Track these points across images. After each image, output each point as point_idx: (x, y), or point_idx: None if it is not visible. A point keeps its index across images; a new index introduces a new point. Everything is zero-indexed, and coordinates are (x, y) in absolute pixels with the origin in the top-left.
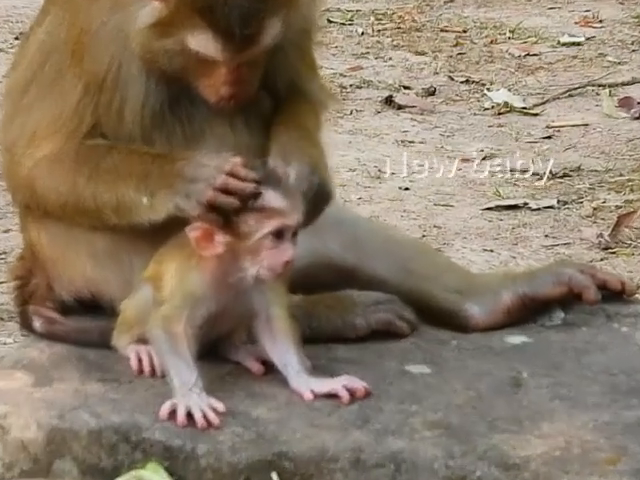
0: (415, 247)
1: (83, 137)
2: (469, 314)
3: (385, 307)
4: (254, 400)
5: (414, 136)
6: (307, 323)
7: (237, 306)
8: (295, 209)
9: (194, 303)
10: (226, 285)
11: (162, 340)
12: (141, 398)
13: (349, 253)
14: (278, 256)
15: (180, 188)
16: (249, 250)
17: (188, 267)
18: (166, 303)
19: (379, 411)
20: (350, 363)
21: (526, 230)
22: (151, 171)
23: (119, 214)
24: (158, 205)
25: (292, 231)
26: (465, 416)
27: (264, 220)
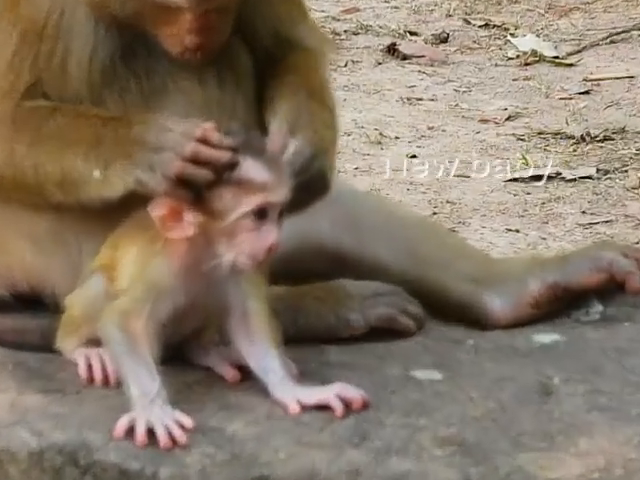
0: (424, 227)
1: (21, 97)
2: (488, 308)
3: (387, 300)
4: (228, 413)
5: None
6: (292, 320)
7: (209, 300)
8: (281, 183)
9: (158, 295)
10: (197, 274)
11: (118, 340)
12: (91, 412)
13: (343, 235)
14: (260, 240)
15: (141, 158)
16: (225, 232)
17: (151, 252)
18: (123, 295)
19: (380, 425)
20: (344, 368)
21: (559, 205)
22: (103, 137)
23: (65, 190)
24: (113, 179)
25: (277, 210)
26: (484, 431)
27: (243, 196)
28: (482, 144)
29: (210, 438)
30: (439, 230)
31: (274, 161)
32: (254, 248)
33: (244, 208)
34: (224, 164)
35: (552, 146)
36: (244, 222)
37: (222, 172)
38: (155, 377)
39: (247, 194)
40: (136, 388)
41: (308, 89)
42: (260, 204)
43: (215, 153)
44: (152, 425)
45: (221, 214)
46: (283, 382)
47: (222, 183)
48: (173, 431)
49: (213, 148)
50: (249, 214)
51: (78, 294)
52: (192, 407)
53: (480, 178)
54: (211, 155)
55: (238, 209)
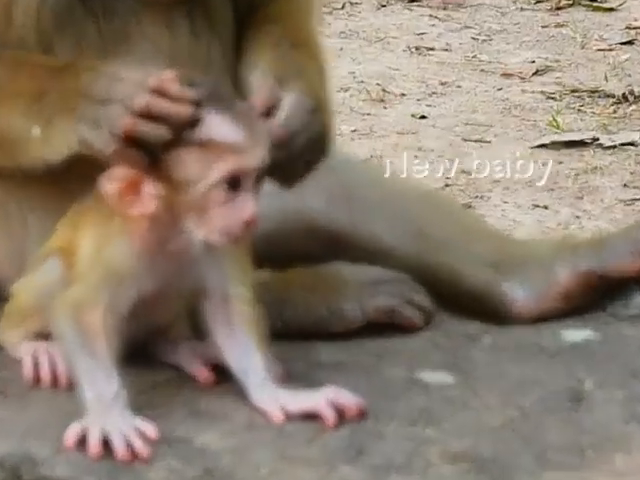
0: (433, 202)
1: None
2: (509, 299)
3: (388, 288)
4: (200, 421)
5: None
6: (277, 311)
7: (180, 286)
8: (257, 144)
9: (117, 282)
10: (165, 255)
11: (71, 335)
12: (37, 418)
13: (338, 211)
14: (234, 214)
15: (86, 113)
16: (192, 206)
17: (108, 232)
18: (78, 282)
19: (379, 437)
20: (338, 369)
21: (595, 177)
22: (47, 89)
23: (2, 151)
24: (55, 137)
25: (253, 177)
26: (503, 444)
27: (211, 161)
28: (504, 103)
29: (177, 450)
30: (452, 206)
31: (248, 117)
32: (228, 223)
33: (213, 176)
34: (184, 120)
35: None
36: (214, 193)
37: (182, 130)
38: (113, 378)
39: (216, 159)
40: (91, 391)
41: (292, 39)
42: (232, 170)
43: (173, 107)
44: (109, 434)
45: (186, 184)
46: (265, 385)
47: (184, 145)
48: (133, 441)
49: (171, 101)
50: (220, 183)
51: (28, 281)
52: (157, 413)
53: (502, 144)
54: (168, 109)
55: (206, 178)
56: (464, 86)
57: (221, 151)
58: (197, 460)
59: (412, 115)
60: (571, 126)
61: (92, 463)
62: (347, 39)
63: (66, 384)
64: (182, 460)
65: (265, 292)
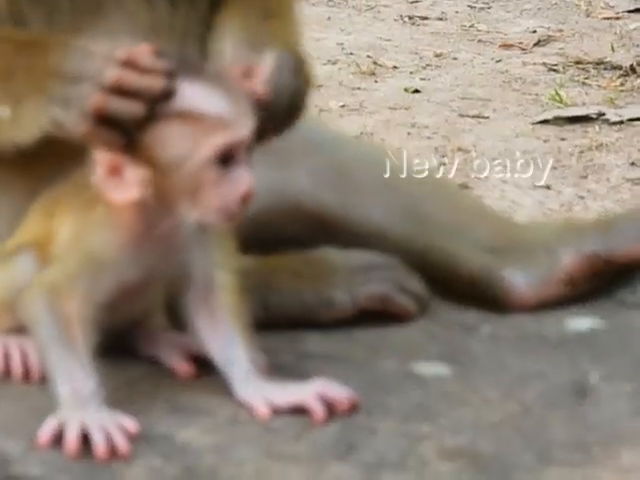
0: (428, 182)
1: None
2: (509, 285)
3: (380, 275)
4: (181, 417)
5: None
6: (262, 299)
7: (163, 274)
8: (244, 112)
9: (98, 270)
10: (149, 243)
11: (45, 321)
12: (8, 414)
13: (326, 192)
14: (229, 190)
15: (56, 92)
16: (183, 187)
17: (90, 219)
18: (55, 267)
19: (371, 433)
20: (327, 360)
21: (601, 155)
22: (15, 66)
23: None
24: (25, 118)
25: (244, 148)
26: (502, 440)
27: (199, 137)
28: (504, 76)
29: (157, 448)
30: (448, 186)
31: (228, 85)
32: (224, 201)
33: (203, 153)
34: (157, 93)
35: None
36: (205, 171)
37: (156, 104)
38: (90, 372)
39: (203, 134)
40: (66, 384)
41: (262, 8)
42: (223, 144)
43: (144, 79)
44: (86, 430)
45: (173, 165)
46: (250, 378)
47: (164, 121)
48: (111, 438)
49: (142, 74)
50: (210, 160)
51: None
52: (135, 409)
53: (501, 119)
54: (139, 82)
55: (195, 155)
56: (460, 58)
57: (208, 125)
58: (178, 458)
59: (405, 89)
60: (575, 100)
61: (67, 461)
62: (335, 7)
63: (39, 378)
64: (162, 458)
65: (250, 279)
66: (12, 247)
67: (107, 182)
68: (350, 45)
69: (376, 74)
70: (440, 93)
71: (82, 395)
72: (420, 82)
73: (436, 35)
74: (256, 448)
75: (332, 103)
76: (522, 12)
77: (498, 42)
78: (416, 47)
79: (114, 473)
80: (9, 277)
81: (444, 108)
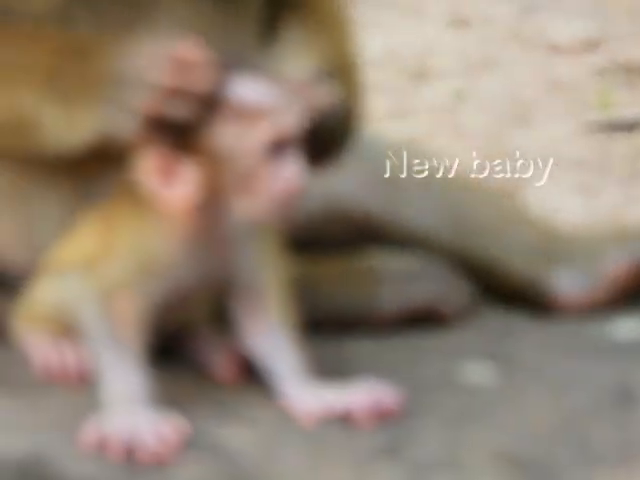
0: (473, 186)
1: None
2: (555, 289)
3: (426, 278)
4: (227, 421)
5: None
6: (310, 303)
7: (214, 277)
8: (291, 105)
9: (152, 273)
10: (203, 244)
11: (98, 324)
12: (52, 415)
13: (372, 197)
14: (281, 180)
15: (106, 95)
16: (236, 182)
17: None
18: (108, 267)
19: (416, 437)
20: (373, 364)
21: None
22: (63, 70)
23: (13, 135)
24: (76, 122)
25: (293, 140)
26: (547, 445)
27: (249, 130)
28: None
29: (202, 452)
30: (493, 190)
31: (277, 82)
32: (277, 190)
33: (253, 145)
34: (208, 91)
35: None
36: (256, 164)
37: (209, 103)
38: (140, 374)
39: (253, 126)
40: (115, 386)
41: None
42: (272, 135)
43: (197, 78)
44: (131, 433)
45: (224, 159)
46: (297, 382)
47: (216, 118)
48: (157, 441)
49: (193, 72)
50: (261, 152)
51: (49, 285)
52: (182, 412)
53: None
54: (190, 82)
55: (246, 148)
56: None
57: (257, 117)
58: (223, 462)
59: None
60: (622, 104)
61: (111, 464)
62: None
63: (83, 378)
64: (207, 462)
65: (296, 283)
66: (60, 262)
67: (158, 184)
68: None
69: (422, 77)
70: (486, 96)
71: (130, 397)
72: (466, 85)
73: (482, 38)
74: (302, 452)
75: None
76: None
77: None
78: (462, 50)
79: (158, 477)
80: (58, 294)
81: (490, 112)
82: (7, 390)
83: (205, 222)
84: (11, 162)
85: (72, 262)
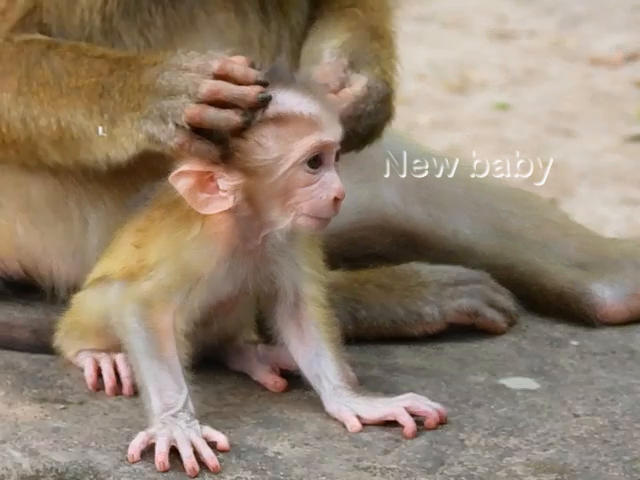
0: (516, 197)
1: (11, 29)
2: (597, 300)
3: (470, 289)
4: (271, 431)
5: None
6: (351, 313)
7: (253, 288)
8: (333, 117)
9: (193, 284)
10: (244, 254)
11: (138, 337)
12: (99, 427)
13: (415, 207)
14: (321, 192)
15: (151, 108)
16: (275, 192)
17: (185, 233)
18: (147, 279)
19: (460, 447)
20: (416, 374)
21: None
22: (110, 85)
23: (62, 149)
24: (121, 136)
25: (334, 153)
26: (590, 454)
27: (291, 140)
28: (592, 92)
29: (247, 461)
30: (536, 201)
31: (317, 91)
32: (317, 204)
33: (295, 155)
34: (252, 101)
35: None
36: (297, 173)
37: (251, 112)
38: (182, 385)
39: (295, 137)
40: (157, 399)
41: (370, 26)
42: (314, 147)
43: (239, 88)
44: (176, 444)
45: (266, 169)
46: (340, 391)
47: (257, 128)
48: (202, 452)
49: (236, 83)
50: (302, 162)
51: (92, 298)
52: (225, 423)
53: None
54: (233, 92)
55: (287, 158)
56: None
57: (299, 127)
58: (267, 471)
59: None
60: None
61: (158, 475)
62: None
63: (129, 391)
64: (251, 471)
65: (339, 293)
66: (101, 274)
67: (197, 195)
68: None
69: (465, 89)
70: (528, 108)
71: (173, 409)
72: (508, 97)
73: (525, 51)
74: (345, 461)
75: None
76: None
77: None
78: (505, 62)
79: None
80: (102, 305)
81: (532, 123)
82: (56, 403)
83: (243, 235)
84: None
85: (112, 273)
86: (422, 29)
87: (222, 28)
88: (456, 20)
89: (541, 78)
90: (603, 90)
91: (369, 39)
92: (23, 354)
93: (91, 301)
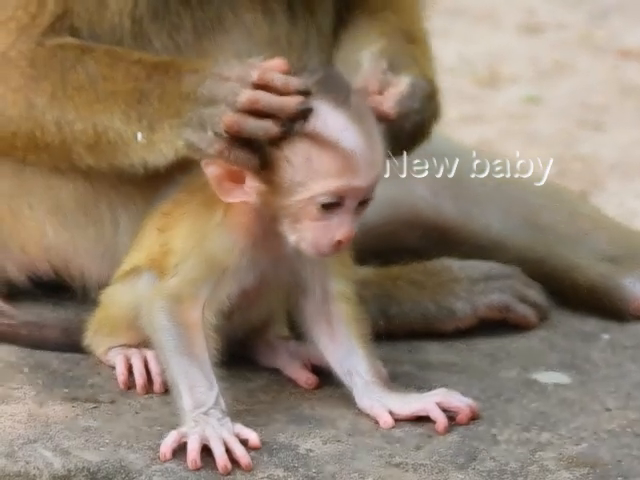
0: (546, 191)
1: (43, 33)
2: (630, 294)
3: (500, 284)
4: (302, 427)
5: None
6: (382, 309)
7: (279, 281)
8: (373, 161)
9: (220, 276)
10: (267, 247)
11: (167, 333)
12: (130, 426)
13: (445, 202)
14: (327, 231)
15: (191, 116)
16: (287, 212)
17: (209, 222)
18: (175, 276)
19: (492, 442)
20: (447, 370)
21: None
22: (148, 91)
23: (98, 153)
24: (160, 143)
25: (360, 197)
26: (623, 448)
27: (318, 169)
28: (622, 84)
29: (279, 458)
30: (567, 195)
31: (368, 124)
32: (319, 240)
33: (316, 190)
34: (291, 112)
35: None
36: (309, 208)
37: (291, 123)
38: (213, 382)
39: (324, 168)
40: (188, 396)
41: (405, 29)
42: (340, 189)
43: (278, 99)
44: (208, 442)
45: (285, 188)
46: (371, 388)
47: (294, 144)
48: (234, 450)
49: (277, 93)
50: (320, 198)
51: (121, 292)
52: (257, 420)
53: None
54: (273, 102)
55: (307, 188)
56: (579, 66)
57: (332, 162)
58: (299, 468)
59: (523, 98)
60: None
61: (190, 473)
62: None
63: (160, 389)
64: (283, 468)
65: (370, 289)
66: (130, 267)
67: (223, 183)
68: (468, 55)
69: (494, 83)
70: (558, 102)
71: (204, 407)
72: (538, 91)
73: (554, 44)
74: (377, 457)
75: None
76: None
77: (616, 50)
78: (534, 56)
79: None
80: (131, 297)
81: (562, 117)
82: (87, 402)
83: (266, 226)
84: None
85: (140, 264)
86: (452, 23)
87: (250, 28)
88: (486, 14)
89: (571, 71)
90: (633, 83)
91: (404, 42)
92: (54, 353)
93: (121, 294)
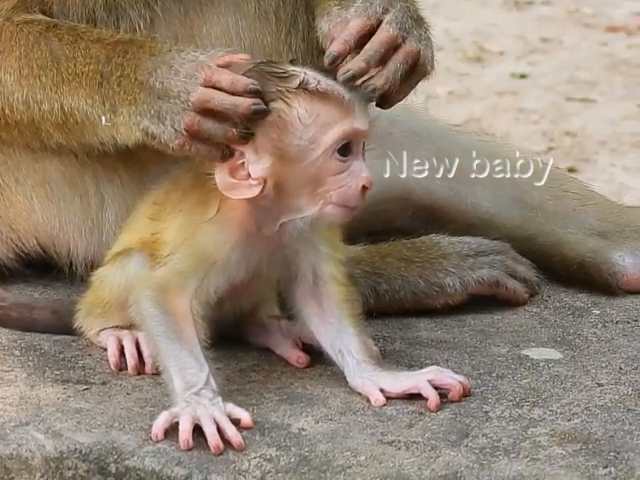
0: (536, 167)
1: (12, 8)
2: (619, 268)
3: (490, 260)
4: (294, 406)
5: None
6: (372, 286)
7: (270, 271)
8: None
9: (208, 268)
10: (259, 241)
11: (156, 319)
12: (122, 407)
13: (435, 180)
14: (352, 180)
15: (146, 105)
16: (304, 179)
17: (202, 218)
18: (164, 266)
19: (484, 419)
20: (438, 347)
21: None
22: (107, 74)
23: (67, 132)
24: (121, 126)
25: (362, 142)
26: (615, 423)
27: (327, 122)
28: (610, 59)
29: (271, 437)
30: (555, 172)
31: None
32: (346, 193)
33: (328, 141)
34: (244, 113)
35: None
36: (329, 161)
37: (247, 123)
38: (203, 364)
39: (331, 119)
40: (179, 378)
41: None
42: (347, 132)
43: (230, 99)
44: (199, 422)
45: (297, 153)
46: (362, 366)
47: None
48: (226, 430)
49: (229, 93)
50: (333, 150)
51: (112, 273)
52: (248, 399)
53: (608, 102)
54: (224, 102)
55: (320, 143)
56: (566, 42)
57: (336, 111)
58: (292, 447)
59: (511, 74)
60: None
61: (182, 453)
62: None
63: (152, 370)
64: (276, 447)
65: (360, 267)
66: (121, 248)
67: (226, 179)
68: (456, 31)
69: (482, 60)
70: (546, 77)
71: (195, 387)
72: (526, 67)
73: (542, 20)
74: (370, 436)
75: (439, 89)
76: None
77: (604, 25)
78: (522, 32)
79: (229, 464)
80: (123, 278)
81: (551, 92)
82: (79, 384)
83: (260, 222)
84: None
85: (131, 246)
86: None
87: (238, 1)
88: None
89: (558, 47)
90: (621, 57)
91: None
92: (44, 335)
93: (112, 275)
